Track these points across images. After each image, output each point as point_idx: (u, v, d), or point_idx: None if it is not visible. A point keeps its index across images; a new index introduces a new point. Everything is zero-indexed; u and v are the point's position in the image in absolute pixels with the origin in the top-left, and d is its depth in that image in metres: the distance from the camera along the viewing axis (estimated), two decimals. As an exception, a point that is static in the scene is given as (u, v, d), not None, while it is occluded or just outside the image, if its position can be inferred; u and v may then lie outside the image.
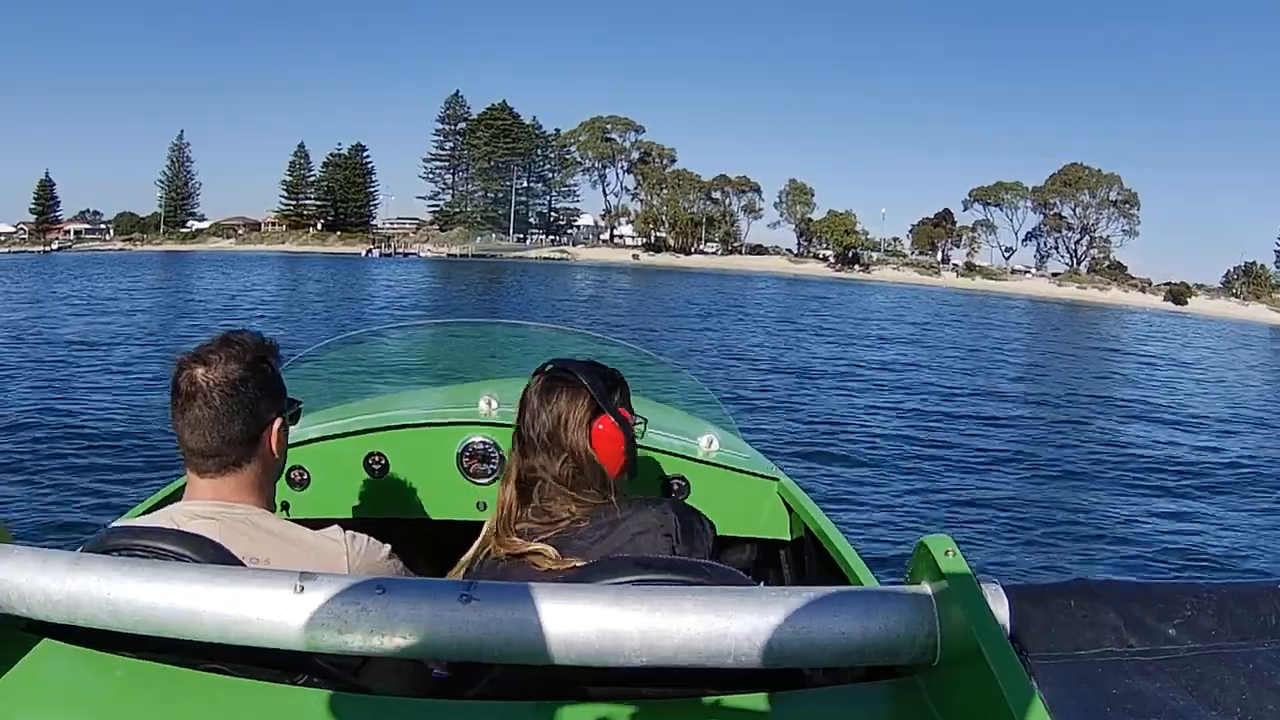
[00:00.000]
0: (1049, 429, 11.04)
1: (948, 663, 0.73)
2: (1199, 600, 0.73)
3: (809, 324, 25.25)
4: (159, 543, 0.96)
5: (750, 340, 19.65)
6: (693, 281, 50.13)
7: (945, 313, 36.45)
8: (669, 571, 0.92)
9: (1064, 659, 0.70)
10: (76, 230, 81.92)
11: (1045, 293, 71.53)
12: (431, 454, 1.87)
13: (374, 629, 0.72)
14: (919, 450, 8.76)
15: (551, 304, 28.76)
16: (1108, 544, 6.21)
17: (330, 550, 1.10)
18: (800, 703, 0.80)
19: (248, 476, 1.12)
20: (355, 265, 52.69)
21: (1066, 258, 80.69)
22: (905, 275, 75.64)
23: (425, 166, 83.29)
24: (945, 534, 0.77)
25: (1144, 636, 0.71)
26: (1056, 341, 27.72)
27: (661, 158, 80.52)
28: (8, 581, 0.78)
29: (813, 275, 71.37)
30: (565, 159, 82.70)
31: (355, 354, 2.85)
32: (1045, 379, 16.84)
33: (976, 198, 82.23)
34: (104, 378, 10.75)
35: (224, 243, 79.57)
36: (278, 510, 1.72)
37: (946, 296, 54.29)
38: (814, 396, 11.92)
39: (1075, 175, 78.63)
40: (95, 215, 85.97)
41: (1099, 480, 8.28)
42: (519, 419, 1.15)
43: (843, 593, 0.77)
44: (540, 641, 0.73)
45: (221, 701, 0.77)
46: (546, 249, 77.65)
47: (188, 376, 1.07)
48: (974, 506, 6.86)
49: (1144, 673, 0.68)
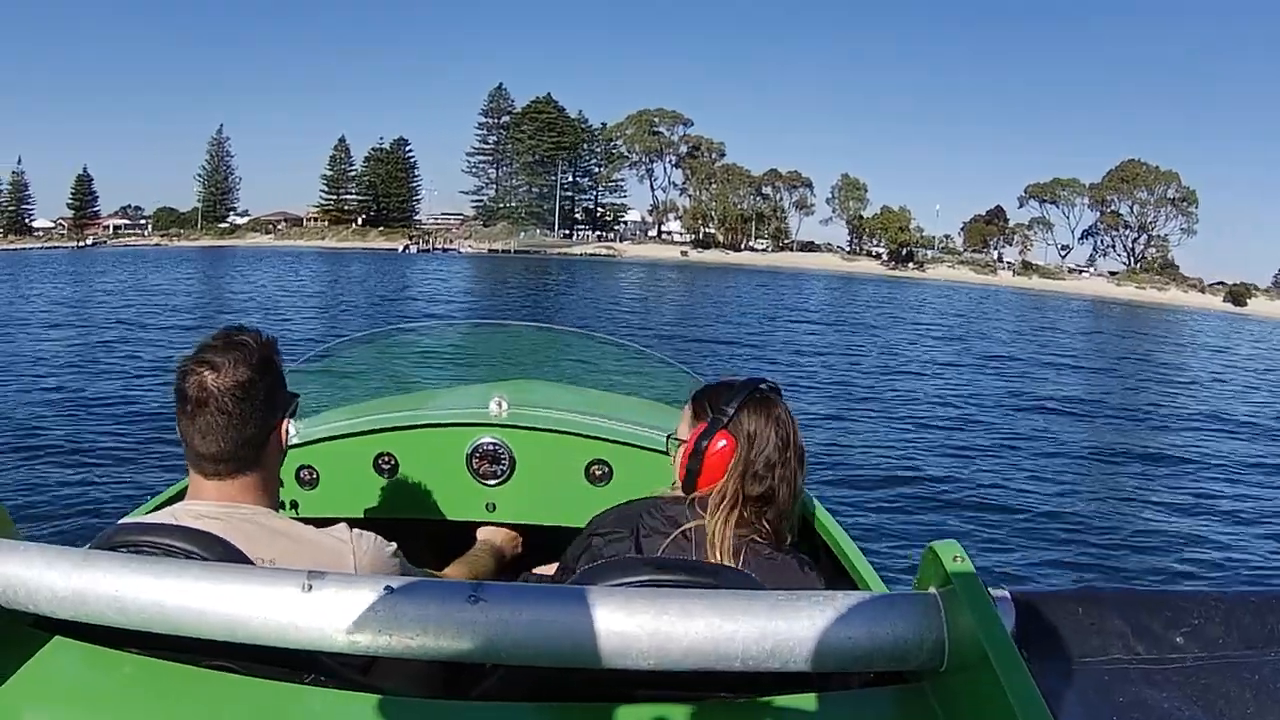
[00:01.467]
0: (1097, 430, 10.60)
1: (955, 669, 0.74)
2: (1206, 609, 0.73)
3: (878, 328, 23.15)
4: (168, 539, 0.95)
5: (818, 348, 17.90)
6: (744, 279, 48.17)
7: (1007, 316, 34.21)
8: (681, 573, 0.92)
9: (1070, 666, 0.70)
10: (116, 226, 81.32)
11: (1104, 292, 69.20)
12: (441, 455, 1.86)
13: (382, 628, 0.73)
14: (932, 454, 8.45)
15: (594, 305, 26.52)
16: (1135, 553, 5.97)
17: (336, 549, 1.09)
18: (807, 707, 0.79)
19: (255, 478, 1.11)
20: (389, 262, 50.60)
21: (1123, 256, 78.34)
22: (961, 274, 73.32)
23: (468, 161, 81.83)
24: (953, 540, 0.77)
25: (1150, 644, 0.71)
26: (1126, 345, 26.15)
27: (710, 152, 78.34)
28: (15, 578, 0.78)
29: (866, 274, 69.25)
30: (611, 153, 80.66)
31: (372, 351, 2.87)
32: (1106, 383, 15.95)
33: (1032, 194, 79.90)
34: (109, 380, 10.36)
35: (262, 238, 78.64)
36: (287, 509, 1.78)
37: (1008, 297, 52.08)
38: (855, 407, 11.05)
39: (1133, 172, 76.24)
40: (136, 210, 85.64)
41: (1165, 490, 7.89)
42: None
43: (850, 597, 0.77)
44: (548, 643, 0.73)
45: (229, 700, 0.77)
46: (592, 245, 75.63)
47: (197, 382, 1.05)
48: (987, 512, 6.62)
49: (1150, 681, 0.68)
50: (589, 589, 0.78)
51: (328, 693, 0.80)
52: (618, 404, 2.38)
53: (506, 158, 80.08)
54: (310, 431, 1.85)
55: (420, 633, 0.72)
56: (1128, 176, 76.17)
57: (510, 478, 1.86)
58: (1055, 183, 79.00)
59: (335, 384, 2.50)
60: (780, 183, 78.49)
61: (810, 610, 0.75)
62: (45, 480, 5.93)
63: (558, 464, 1.86)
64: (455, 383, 2.84)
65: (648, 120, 78.23)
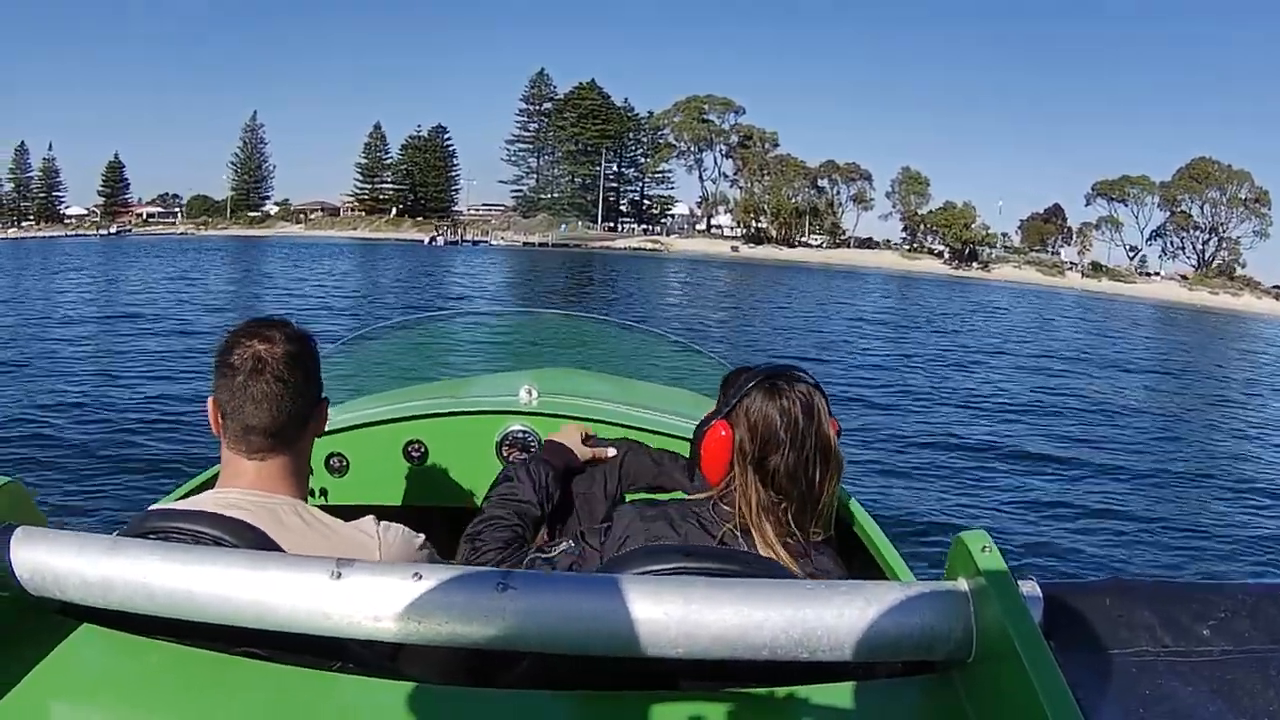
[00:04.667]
0: (1149, 431, 10.03)
1: (982, 659, 0.74)
2: (1233, 602, 0.73)
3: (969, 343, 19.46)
4: (197, 526, 0.95)
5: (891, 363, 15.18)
6: (801, 278, 44.67)
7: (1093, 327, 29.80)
8: (710, 560, 0.92)
9: (1097, 658, 0.70)
10: (149, 214, 79.74)
11: (1177, 297, 65.16)
12: (471, 442, 1.85)
13: (410, 616, 0.73)
14: (966, 444, 8.31)
15: (638, 302, 22.97)
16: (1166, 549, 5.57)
17: (362, 543, 1.09)
18: (835, 696, 0.78)
19: (290, 462, 1.11)
20: (410, 257, 45.82)
21: (1191, 259, 74.13)
22: (1027, 274, 69.33)
23: (507, 149, 78.70)
24: (982, 530, 0.77)
25: (1177, 636, 0.71)
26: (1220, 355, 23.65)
27: (763, 142, 74.21)
28: (44, 564, 0.79)
29: (929, 273, 65.49)
30: (658, 143, 76.92)
31: (401, 340, 2.80)
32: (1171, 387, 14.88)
33: (1100, 191, 75.69)
34: (138, 365, 10.05)
35: (291, 228, 76.65)
36: (316, 496, 1.81)
37: (1093, 303, 48.14)
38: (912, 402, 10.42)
39: (1204, 170, 71.96)
40: (175, 198, 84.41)
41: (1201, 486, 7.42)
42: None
43: (879, 587, 0.77)
44: (576, 631, 0.73)
45: (257, 687, 0.77)
46: (637, 239, 72.03)
47: (251, 353, 1.05)
48: (1020, 503, 6.38)
49: (1176, 673, 0.69)
50: (617, 576, 0.78)
51: (356, 680, 0.79)
52: (648, 392, 2.36)
53: (548, 146, 77.06)
54: (340, 419, 1.83)
55: (448, 620, 0.73)
56: (1198, 175, 72.05)
57: None
58: (1124, 180, 74.83)
59: (364, 372, 2.52)
60: (837, 175, 74.38)
61: (839, 599, 0.74)
62: (72, 469, 5.74)
63: None
64: (485, 371, 2.90)
65: (697, 107, 74.30)
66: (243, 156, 79.33)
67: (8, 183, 76.23)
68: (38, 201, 76.33)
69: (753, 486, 1.06)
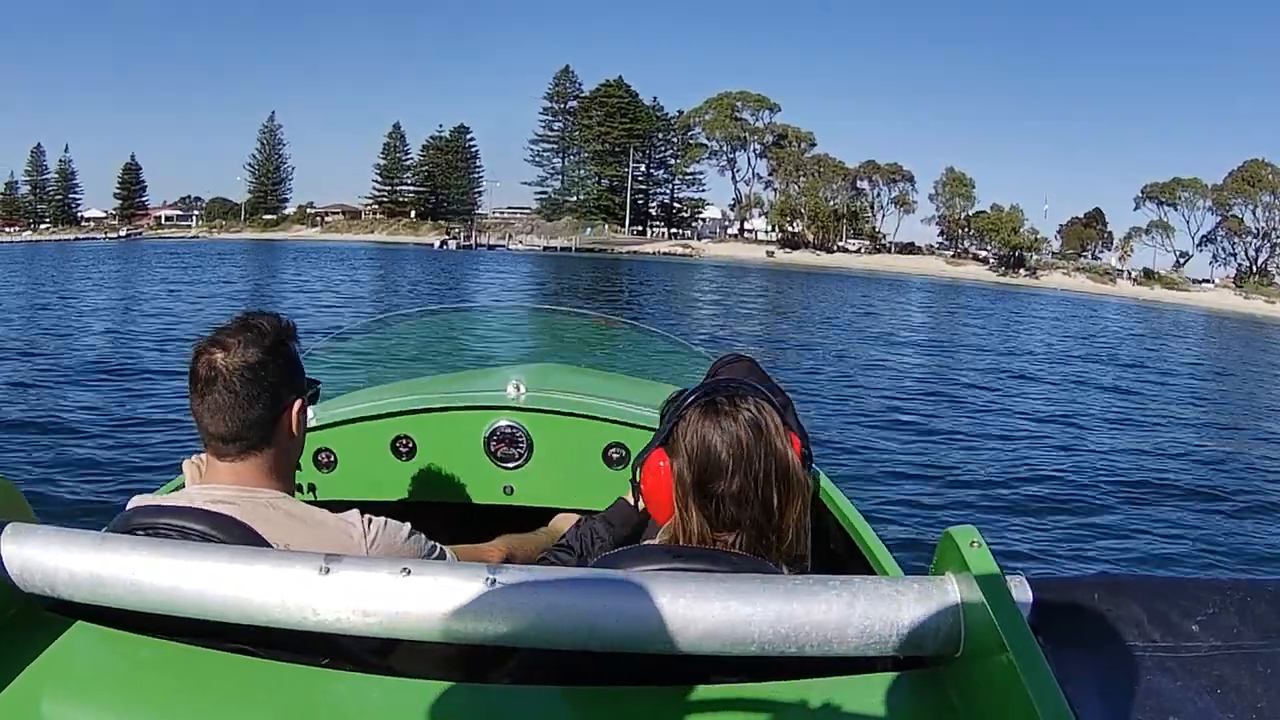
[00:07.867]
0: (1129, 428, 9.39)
1: (971, 655, 0.74)
2: (1222, 597, 0.73)
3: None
4: (184, 522, 0.96)
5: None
6: (843, 286, 41.62)
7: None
8: (698, 561, 0.92)
9: (1086, 653, 0.70)
10: (165, 216, 78.10)
11: (1235, 306, 61.58)
12: (459, 437, 1.86)
13: (398, 611, 0.73)
14: (953, 438, 8.11)
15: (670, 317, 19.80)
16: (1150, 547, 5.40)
17: (347, 533, 1.09)
18: (824, 691, 0.78)
19: (268, 459, 1.11)
20: (416, 263, 41.93)
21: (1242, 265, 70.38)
22: (1078, 282, 65.86)
23: (531, 149, 76.09)
24: (971, 525, 0.77)
25: (1166, 632, 0.71)
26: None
27: (799, 141, 71.08)
28: (32, 560, 0.79)
29: (975, 281, 62.19)
30: (689, 142, 74.00)
31: (388, 336, 2.84)
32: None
33: (1149, 195, 72.05)
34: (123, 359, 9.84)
35: (306, 231, 74.69)
36: (304, 492, 1.79)
37: (1191, 319, 44.49)
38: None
39: (1256, 173, 68.18)
40: (195, 201, 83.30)
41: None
42: None
43: (867, 582, 0.77)
44: (565, 625, 0.73)
45: (248, 683, 0.77)
46: (666, 243, 69.22)
47: (207, 361, 1.07)
48: (1007, 498, 6.23)
49: (1164, 669, 0.69)
50: (607, 572, 0.79)
51: (347, 675, 0.79)
52: (636, 387, 2.36)
53: (573, 146, 74.36)
54: (327, 415, 1.85)
55: (438, 615, 0.73)
56: (1251, 179, 68.32)
57: (528, 461, 1.86)
58: (1175, 182, 71.16)
59: (351, 367, 2.53)
60: (878, 176, 71.04)
61: (827, 595, 0.74)
62: (60, 464, 5.65)
63: (575, 447, 1.85)
64: (473, 366, 2.91)
65: (729, 104, 71.25)
66: (260, 158, 77.57)
67: (24, 185, 74.91)
68: (54, 204, 74.82)
69: (694, 519, 0.96)
